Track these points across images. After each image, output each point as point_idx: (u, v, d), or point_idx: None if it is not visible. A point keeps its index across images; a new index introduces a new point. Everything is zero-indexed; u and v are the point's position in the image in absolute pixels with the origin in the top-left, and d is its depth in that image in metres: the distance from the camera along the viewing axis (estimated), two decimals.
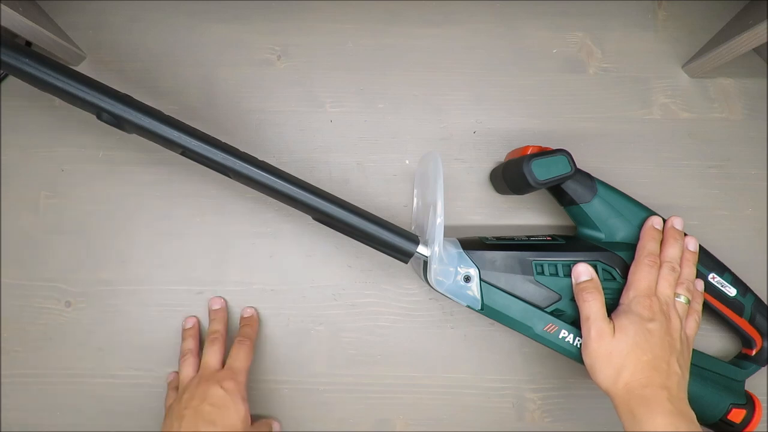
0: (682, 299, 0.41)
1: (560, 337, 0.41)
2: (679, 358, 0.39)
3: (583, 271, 0.41)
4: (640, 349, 0.38)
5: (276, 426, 0.48)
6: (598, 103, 0.52)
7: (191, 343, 0.47)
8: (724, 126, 0.52)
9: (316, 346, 0.49)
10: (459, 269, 0.41)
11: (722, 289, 0.45)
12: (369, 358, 0.49)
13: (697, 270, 0.44)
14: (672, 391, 0.37)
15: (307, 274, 0.50)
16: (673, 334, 0.39)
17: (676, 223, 0.44)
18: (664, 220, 0.44)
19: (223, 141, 0.40)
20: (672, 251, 0.42)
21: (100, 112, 0.38)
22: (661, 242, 0.43)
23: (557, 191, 0.45)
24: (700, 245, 0.45)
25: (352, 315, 0.50)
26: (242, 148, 0.41)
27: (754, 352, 0.47)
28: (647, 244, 0.42)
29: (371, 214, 0.41)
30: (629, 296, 0.41)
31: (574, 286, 0.42)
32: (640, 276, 0.41)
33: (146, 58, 0.52)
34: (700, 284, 0.44)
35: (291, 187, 0.39)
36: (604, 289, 0.41)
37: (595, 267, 0.42)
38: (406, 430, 0.49)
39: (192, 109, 0.51)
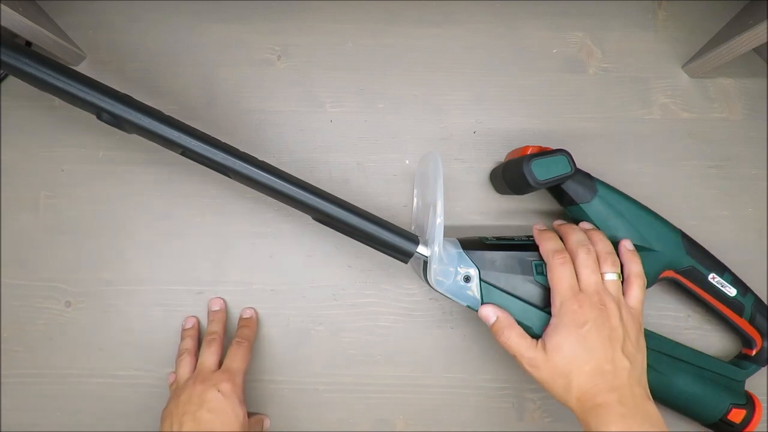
0: (612, 276, 0.39)
1: None
2: (624, 347, 0.37)
3: (487, 314, 0.40)
4: (579, 360, 0.36)
5: (267, 422, 0.48)
6: (598, 103, 0.52)
7: (189, 343, 0.47)
8: (724, 126, 0.52)
9: (316, 346, 0.49)
10: (459, 269, 0.41)
11: (722, 289, 0.45)
12: (369, 358, 0.49)
13: (697, 270, 0.44)
14: (623, 390, 0.36)
15: (307, 274, 0.50)
16: (612, 322, 0.37)
17: (559, 222, 0.45)
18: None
19: (223, 141, 0.40)
20: (575, 236, 0.41)
21: (100, 112, 0.38)
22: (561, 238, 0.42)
23: (557, 191, 0.45)
24: (699, 244, 0.45)
25: (352, 315, 0.50)
26: (242, 148, 0.41)
27: (754, 352, 0.47)
28: (545, 244, 0.41)
29: (371, 214, 0.41)
30: (556, 304, 0.39)
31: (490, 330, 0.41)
32: (557, 277, 0.39)
33: (146, 58, 0.52)
34: (627, 243, 0.42)
35: (291, 187, 0.39)
36: None
37: None
38: (406, 430, 0.49)
39: (192, 109, 0.51)
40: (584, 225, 0.44)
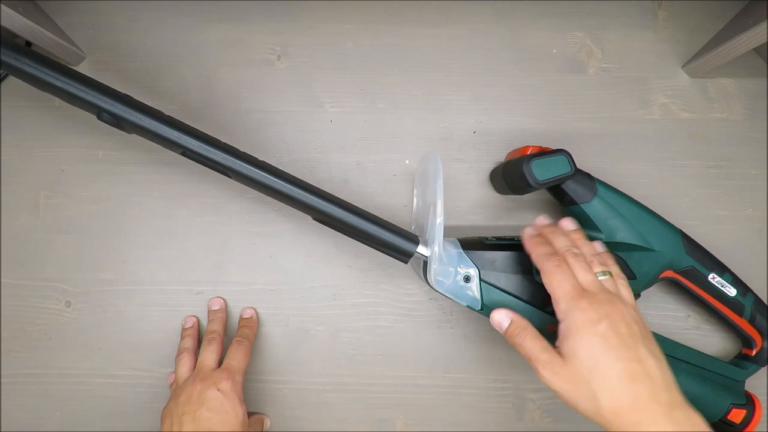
0: (604, 276, 0.37)
1: None
2: (644, 343, 0.33)
3: (500, 319, 0.38)
4: (601, 366, 0.32)
5: (267, 422, 0.48)
6: (598, 103, 0.52)
7: (189, 342, 0.47)
8: (724, 126, 0.52)
9: (316, 346, 0.49)
10: (459, 269, 0.41)
11: (722, 289, 0.45)
12: (369, 358, 0.49)
13: (697, 270, 0.44)
14: (661, 398, 0.31)
15: (307, 274, 0.50)
16: (626, 318, 0.34)
17: (542, 220, 0.42)
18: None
19: (223, 141, 0.40)
20: (560, 241, 0.39)
21: (100, 112, 0.38)
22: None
23: (557, 191, 0.45)
24: (699, 244, 0.45)
25: (352, 315, 0.50)
26: (242, 148, 0.41)
27: (754, 352, 0.47)
28: (538, 250, 0.39)
29: (371, 214, 0.41)
30: (562, 308, 0.35)
31: (503, 335, 0.38)
32: (557, 280, 0.36)
33: (146, 58, 0.52)
34: (598, 245, 0.40)
35: (291, 187, 0.39)
36: None
37: None
38: (406, 430, 0.49)
39: (192, 109, 0.51)
40: (565, 224, 0.41)
